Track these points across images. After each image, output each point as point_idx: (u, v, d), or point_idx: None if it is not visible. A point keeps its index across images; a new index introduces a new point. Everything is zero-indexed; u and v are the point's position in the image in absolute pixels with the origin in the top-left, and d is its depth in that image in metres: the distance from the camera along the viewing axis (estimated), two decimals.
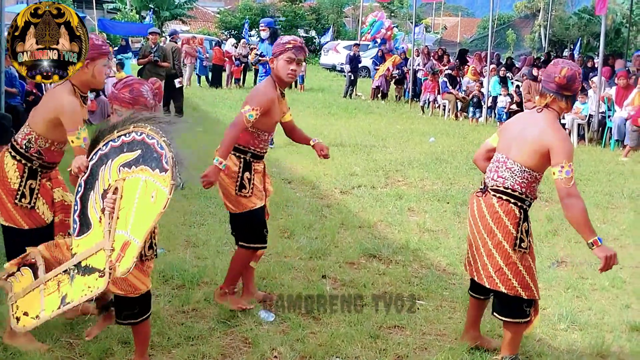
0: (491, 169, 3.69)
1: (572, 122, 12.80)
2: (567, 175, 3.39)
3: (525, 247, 3.58)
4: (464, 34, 55.10)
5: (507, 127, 3.76)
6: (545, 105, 3.57)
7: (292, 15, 42.93)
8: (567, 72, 3.51)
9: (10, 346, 3.74)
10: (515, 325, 3.66)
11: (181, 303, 4.51)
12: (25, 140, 3.82)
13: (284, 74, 4.23)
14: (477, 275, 3.70)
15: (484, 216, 3.61)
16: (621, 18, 38.06)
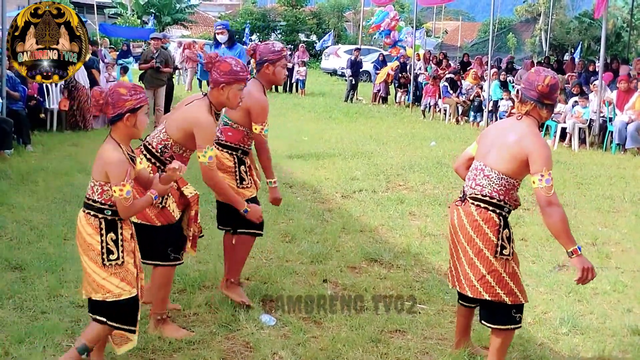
0: (469, 177, 3.68)
1: (573, 126, 12.81)
2: (547, 184, 3.38)
3: (507, 253, 3.54)
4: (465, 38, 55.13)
5: (486, 135, 3.74)
6: (526, 112, 3.56)
7: (293, 20, 43.01)
8: (550, 80, 3.49)
9: (11, 351, 3.74)
10: (505, 332, 3.63)
11: (182, 307, 4.51)
12: (161, 145, 4.05)
13: (280, 78, 4.64)
14: (459, 285, 3.67)
15: (464, 225, 3.58)
16: (622, 22, 38.11)
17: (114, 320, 3.42)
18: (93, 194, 3.37)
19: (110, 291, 3.35)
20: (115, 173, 3.27)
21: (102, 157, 3.35)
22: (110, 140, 3.40)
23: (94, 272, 3.36)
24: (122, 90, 3.35)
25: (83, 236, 3.38)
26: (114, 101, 3.33)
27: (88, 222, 3.38)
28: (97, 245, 3.34)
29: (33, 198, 7.17)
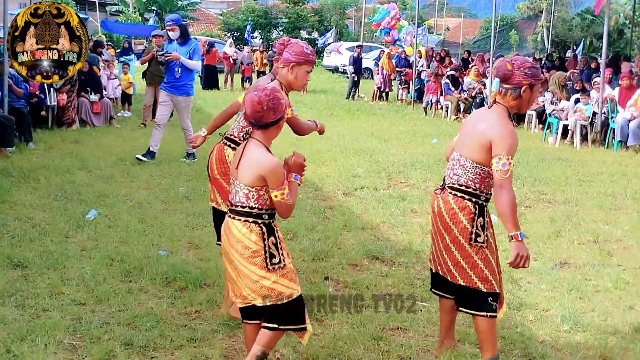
0: (448, 167, 3.77)
1: (575, 123, 12.79)
2: (504, 167, 3.44)
3: (481, 241, 3.61)
4: (467, 35, 55.07)
5: (464, 124, 3.81)
6: (494, 100, 3.64)
7: (294, 17, 42.98)
8: (498, 62, 3.60)
9: (13, 349, 3.75)
10: (484, 320, 3.65)
11: (184, 305, 4.51)
12: (242, 133, 4.29)
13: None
14: (441, 269, 3.75)
15: (442, 213, 3.66)
16: (624, 19, 38.03)
17: (286, 324, 3.43)
18: (249, 200, 3.35)
19: (281, 293, 3.37)
20: (275, 178, 3.28)
21: (259, 163, 3.30)
22: (260, 144, 3.36)
23: (262, 277, 3.35)
24: (279, 95, 3.36)
25: (246, 244, 3.34)
26: (274, 106, 3.32)
27: (249, 229, 3.36)
28: (262, 251, 3.35)
29: (35, 195, 7.17)
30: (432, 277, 3.93)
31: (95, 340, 3.94)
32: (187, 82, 9.50)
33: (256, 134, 3.38)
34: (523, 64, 3.55)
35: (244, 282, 3.39)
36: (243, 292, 3.41)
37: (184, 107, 9.56)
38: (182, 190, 7.68)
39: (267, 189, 3.33)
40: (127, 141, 11.15)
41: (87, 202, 7.01)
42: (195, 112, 15.76)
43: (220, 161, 4.38)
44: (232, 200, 3.43)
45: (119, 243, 5.76)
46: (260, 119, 3.32)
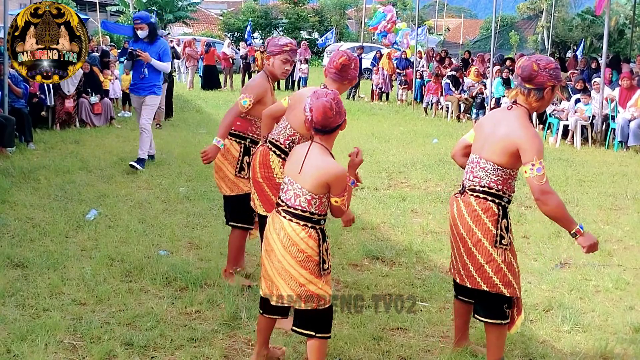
0: (467, 170, 3.70)
1: (576, 123, 12.78)
2: (539, 172, 3.37)
3: (505, 243, 3.55)
4: (467, 35, 55.05)
5: (481, 125, 3.74)
6: (514, 101, 3.58)
7: (295, 17, 43.00)
8: (523, 62, 3.50)
9: (13, 349, 3.75)
10: (496, 328, 3.63)
11: (184, 305, 4.51)
12: (288, 141, 4.34)
13: (279, 73, 4.76)
14: (459, 276, 3.68)
15: (463, 215, 3.60)
16: (624, 19, 38.01)
17: (322, 332, 3.46)
18: (310, 206, 3.35)
19: (323, 299, 3.40)
20: (340, 186, 3.31)
21: (326, 171, 3.30)
22: (325, 150, 3.36)
23: (310, 282, 3.36)
24: (339, 97, 3.39)
25: (302, 248, 3.34)
26: (340, 109, 3.34)
27: (308, 234, 3.35)
28: (316, 257, 3.35)
29: (35, 196, 7.17)
30: (455, 286, 3.88)
31: (95, 340, 3.94)
32: (155, 83, 8.97)
33: (320, 138, 3.37)
34: (548, 64, 3.48)
35: (289, 284, 3.38)
36: (282, 292, 3.41)
37: (150, 104, 8.98)
38: (182, 191, 7.68)
39: (328, 196, 3.36)
40: (128, 141, 11.15)
41: (88, 202, 7.01)
42: (196, 113, 15.79)
43: (264, 165, 4.42)
44: (289, 202, 3.39)
45: (119, 243, 5.76)
46: (330, 124, 3.32)
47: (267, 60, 4.76)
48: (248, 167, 4.75)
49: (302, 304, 3.39)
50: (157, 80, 9.01)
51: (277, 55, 4.69)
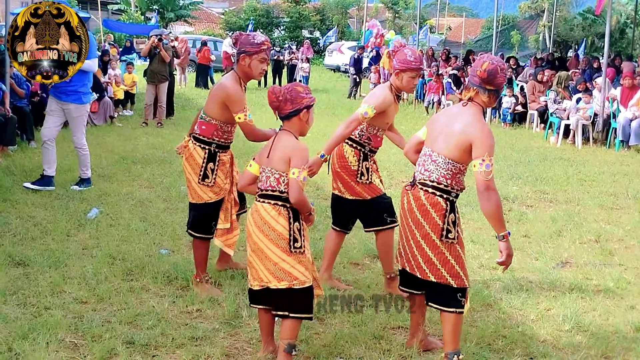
0: (419, 163, 3.79)
1: (577, 122, 12.78)
2: (487, 168, 3.46)
3: (452, 237, 3.62)
4: (468, 34, 55.02)
5: (435, 121, 3.82)
6: (469, 99, 3.63)
7: (296, 16, 42.97)
8: (488, 66, 3.56)
9: (14, 347, 3.75)
10: (453, 316, 3.66)
11: (185, 304, 4.51)
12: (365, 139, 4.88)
13: (257, 73, 4.59)
14: (409, 265, 3.75)
15: (412, 209, 3.68)
16: (625, 18, 37.96)
17: (295, 312, 3.58)
18: (279, 185, 3.57)
19: (297, 278, 3.54)
20: (298, 158, 3.53)
21: (286, 146, 3.58)
22: (288, 133, 3.64)
23: (282, 260, 3.54)
24: (299, 89, 3.65)
25: (272, 226, 3.55)
26: (292, 98, 3.59)
27: (278, 212, 3.56)
28: (286, 234, 3.54)
29: (36, 194, 7.18)
30: (401, 274, 3.93)
31: (96, 338, 3.94)
32: (80, 88, 7.45)
33: (285, 124, 3.67)
34: (504, 66, 3.63)
35: (265, 263, 3.56)
36: (260, 274, 3.58)
37: (77, 117, 7.55)
38: (183, 189, 7.66)
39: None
40: (129, 140, 11.16)
41: (89, 201, 7.01)
42: (197, 111, 15.77)
43: (340, 156, 4.84)
44: (263, 186, 3.63)
45: (120, 242, 5.77)
46: (279, 109, 3.62)
47: (241, 61, 4.50)
48: (212, 174, 4.62)
49: (277, 283, 3.54)
50: (83, 85, 7.48)
51: (254, 55, 4.48)
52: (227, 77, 4.62)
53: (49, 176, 7.47)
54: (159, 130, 12.53)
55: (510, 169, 9.83)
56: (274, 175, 3.58)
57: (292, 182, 3.51)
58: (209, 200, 4.68)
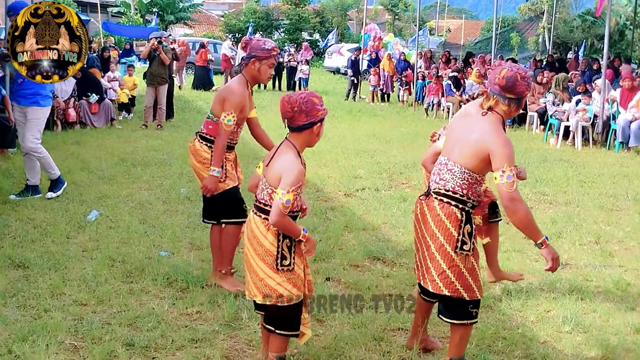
0: (434, 172, 3.67)
1: (577, 124, 12.78)
2: (509, 179, 3.35)
3: (467, 249, 3.51)
4: (468, 36, 55.03)
5: (451, 129, 3.72)
6: (489, 108, 3.53)
7: (296, 18, 43.00)
8: (507, 73, 3.46)
9: (14, 349, 3.75)
10: (462, 327, 3.62)
11: (185, 305, 4.51)
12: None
13: (265, 77, 4.67)
14: (423, 279, 3.66)
15: (427, 219, 3.58)
16: (625, 20, 37.98)
17: (281, 329, 3.51)
18: (270, 200, 3.41)
19: (282, 295, 3.41)
20: (287, 178, 3.30)
21: (283, 164, 3.37)
22: (292, 147, 3.43)
23: (268, 276, 3.42)
24: (316, 100, 3.43)
25: (260, 241, 3.42)
26: (308, 110, 3.39)
27: (267, 228, 3.42)
28: (274, 251, 3.40)
29: (36, 197, 7.17)
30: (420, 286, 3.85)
31: (96, 340, 3.94)
32: (40, 91, 7.15)
33: (290, 136, 3.47)
34: (526, 74, 3.52)
35: (252, 277, 3.48)
36: (249, 285, 3.53)
37: (31, 120, 7.19)
38: (183, 191, 7.68)
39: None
40: (129, 142, 11.16)
41: (89, 203, 7.01)
42: (197, 113, 15.79)
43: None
44: (258, 196, 3.52)
45: (120, 244, 5.77)
46: (292, 120, 3.41)
47: (251, 65, 4.56)
48: (222, 169, 4.71)
49: (261, 299, 3.45)
50: (42, 89, 7.17)
51: (264, 60, 4.55)
52: (234, 79, 4.73)
53: (33, 185, 7.25)
54: (158, 132, 12.54)
55: None
56: (267, 189, 3.45)
57: (274, 203, 3.30)
58: (227, 187, 4.75)
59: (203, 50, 22.57)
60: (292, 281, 3.43)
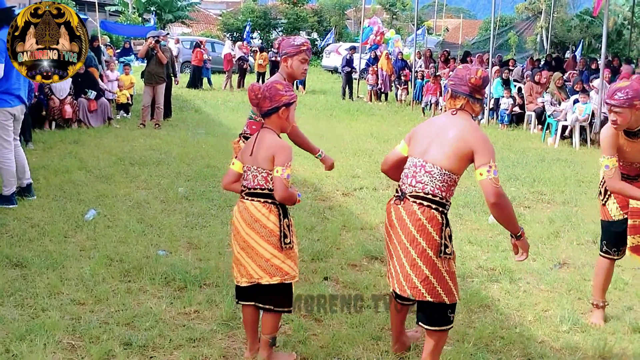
0: (407, 175, 3.57)
1: (574, 123, 12.79)
2: (495, 175, 3.33)
3: (449, 252, 3.46)
4: (466, 35, 55.04)
5: (420, 131, 3.65)
6: (460, 107, 3.53)
7: (294, 18, 42.98)
8: (482, 73, 3.49)
9: (12, 349, 3.75)
10: (439, 333, 3.58)
11: (183, 305, 4.51)
12: None
13: (299, 73, 4.64)
14: (400, 287, 3.54)
15: (406, 224, 3.45)
16: (623, 20, 38.03)
17: (280, 306, 3.68)
18: (267, 183, 3.61)
19: (287, 273, 3.62)
20: (282, 155, 3.55)
21: (269, 145, 3.60)
22: (270, 130, 3.67)
23: (274, 256, 3.60)
24: (279, 86, 3.66)
25: (263, 223, 3.60)
26: (271, 95, 3.62)
27: (269, 209, 3.61)
28: (277, 231, 3.60)
29: (34, 195, 7.16)
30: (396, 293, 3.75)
31: (94, 340, 3.94)
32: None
33: (265, 122, 3.70)
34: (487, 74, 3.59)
35: (255, 260, 3.61)
36: (250, 271, 3.63)
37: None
38: (181, 191, 7.68)
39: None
40: (126, 141, 11.15)
41: (86, 202, 7.01)
42: (194, 113, 15.79)
43: None
44: (250, 184, 3.65)
45: (118, 243, 5.76)
46: (259, 107, 3.67)
47: (283, 63, 4.60)
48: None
49: (269, 279, 3.60)
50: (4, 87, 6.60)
51: (295, 55, 4.57)
52: (273, 78, 4.64)
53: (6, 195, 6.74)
54: (156, 131, 12.53)
55: (508, 170, 9.84)
56: (261, 174, 3.62)
57: (277, 181, 3.53)
58: None
59: (198, 50, 22.54)
60: (293, 259, 3.66)
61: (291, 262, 3.64)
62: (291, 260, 3.64)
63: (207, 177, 8.40)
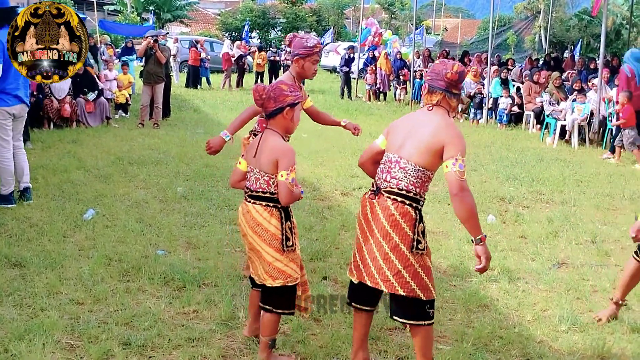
0: (382, 170, 3.58)
1: (573, 123, 12.80)
2: (460, 168, 3.31)
3: (422, 248, 3.46)
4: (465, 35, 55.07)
5: (396, 126, 3.67)
6: (436, 103, 3.52)
7: (292, 17, 43.00)
8: (459, 68, 3.48)
9: (10, 348, 3.75)
10: (422, 329, 3.54)
11: (182, 304, 4.51)
12: None
13: (310, 74, 4.71)
14: (371, 279, 3.52)
15: (379, 219, 3.47)
16: (621, 19, 38.05)
17: (280, 308, 3.69)
18: (269, 187, 3.60)
19: (290, 276, 3.63)
20: (285, 159, 3.52)
21: (272, 148, 3.58)
22: (274, 132, 3.65)
23: (276, 259, 3.61)
24: (284, 87, 3.64)
25: (265, 227, 3.60)
26: (275, 96, 3.60)
27: (270, 213, 3.61)
28: (279, 234, 3.60)
29: (33, 195, 7.15)
30: (353, 289, 3.75)
31: (93, 339, 3.93)
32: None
33: (270, 123, 3.67)
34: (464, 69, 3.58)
35: (260, 262, 3.66)
36: (258, 271, 3.69)
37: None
38: (180, 190, 7.68)
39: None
40: (125, 141, 11.15)
41: (85, 202, 7.00)
42: (193, 112, 15.79)
43: None
44: (252, 187, 3.66)
45: (116, 243, 5.76)
46: (263, 107, 3.64)
47: (295, 63, 4.61)
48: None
49: (272, 282, 3.63)
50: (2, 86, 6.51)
51: (308, 57, 4.60)
52: (283, 76, 4.75)
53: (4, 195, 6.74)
54: (155, 131, 12.52)
55: (507, 169, 9.85)
56: (263, 178, 3.61)
57: (281, 185, 3.50)
58: None
59: (194, 49, 22.51)
60: (295, 261, 3.66)
61: (293, 264, 3.64)
62: (293, 262, 3.64)
63: (205, 176, 8.40)
